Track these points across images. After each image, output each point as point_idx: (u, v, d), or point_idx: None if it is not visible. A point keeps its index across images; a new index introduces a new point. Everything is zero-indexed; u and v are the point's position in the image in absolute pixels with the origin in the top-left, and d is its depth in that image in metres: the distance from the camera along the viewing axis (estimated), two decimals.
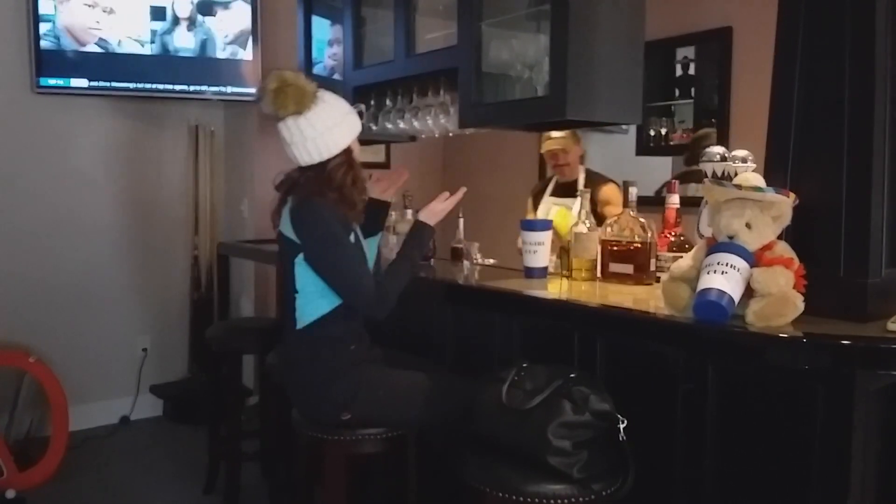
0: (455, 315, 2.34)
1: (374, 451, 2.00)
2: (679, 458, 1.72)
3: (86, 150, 3.89)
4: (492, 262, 2.71)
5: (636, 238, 2.06)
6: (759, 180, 1.61)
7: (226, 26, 3.94)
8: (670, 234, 2.13)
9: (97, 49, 3.69)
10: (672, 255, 2.01)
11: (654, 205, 2.47)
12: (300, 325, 1.97)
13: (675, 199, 2.14)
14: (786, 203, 1.55)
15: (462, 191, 2.16)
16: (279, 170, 2.05)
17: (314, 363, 1.96)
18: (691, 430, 1.69)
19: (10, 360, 3.40)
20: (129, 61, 3.76)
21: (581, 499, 1.54)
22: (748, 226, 1.54)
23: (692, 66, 3.66)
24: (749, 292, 1.50)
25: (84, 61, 3.68)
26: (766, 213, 1.54)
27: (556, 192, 3.32)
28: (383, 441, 1.98)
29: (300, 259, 1.93)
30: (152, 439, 3.84)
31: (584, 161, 3.38)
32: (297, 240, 1.93)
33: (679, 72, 3.70)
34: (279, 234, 2.00)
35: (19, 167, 3.70)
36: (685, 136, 3.69)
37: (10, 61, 3.61)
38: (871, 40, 1.54)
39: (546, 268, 2.24)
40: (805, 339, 1.41)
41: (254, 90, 3.97)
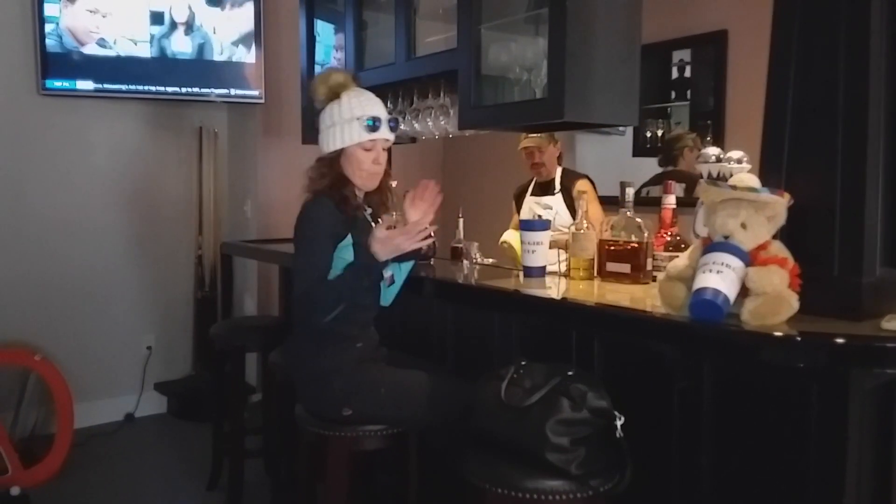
0: (454, 314, 2.36)
1: (375, 447, 2.02)
2: (675, 455, 1.74)
3: (91, 151, 3.91)
4: (491, 261, 2.73)
5: (632, 238, 2.08)
6: (754, 181, 1.62)
7: (228, 29, 3.96)
8: (666, 233, 2.14)
9: (97, 49, 3.72)
10: (668, 254, 2.02)
11: (645, 205, 2.47)
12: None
13: (671, 200, 2.16)
14: (780, 203, 1.56)
15: (431, 229, 1.96)
16: (281, 171, 2.08)
17: (319, 358, 1.99)
18: (687, 427, 1.71)
19: (15, 358, 3.42)
20: (134, 64, 3.79)
21: (579, 495, 1.55)
22: (743, 226, 1.54)
23: (688, 69, 3.69)
24: (744, 291, 1.50)
25: (89, 64, 3.71)
26: (760, 214, 1.55)
27: (535, 192, 3.37)
28: (385, 437, 2.00)
29: None
30: (156, 436, 3.87)
31: (562, 161, 3.43)
32: None
33: (675, 74, 3.73)
34: None
35: (26, 168, 3.73)
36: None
37: (15, 63, 3.64)
38: (865, 42, 1.54)
39: (544, 267, 2.26)
40: (800, 338, 1.41)
41: (256, 92, 4.01)
